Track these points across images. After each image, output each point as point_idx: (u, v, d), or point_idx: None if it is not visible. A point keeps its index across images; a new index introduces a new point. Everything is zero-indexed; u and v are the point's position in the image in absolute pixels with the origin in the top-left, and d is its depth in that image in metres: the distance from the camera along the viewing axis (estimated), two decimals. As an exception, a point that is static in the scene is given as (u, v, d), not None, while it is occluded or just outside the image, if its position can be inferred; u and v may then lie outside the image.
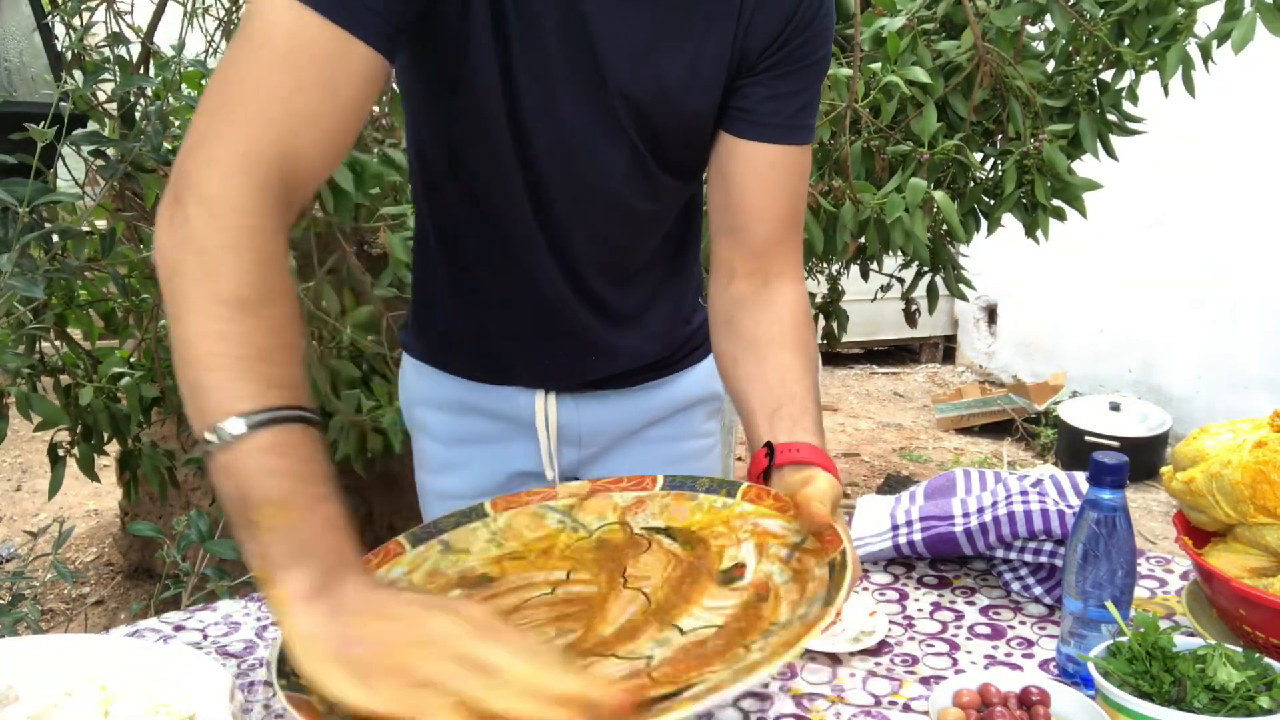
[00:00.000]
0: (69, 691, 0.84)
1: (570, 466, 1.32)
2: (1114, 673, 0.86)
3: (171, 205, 0.76)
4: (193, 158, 0.76)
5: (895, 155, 2.05)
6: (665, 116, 1.05)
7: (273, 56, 0.79)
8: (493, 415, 1.29)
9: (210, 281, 0.72)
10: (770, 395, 1.03)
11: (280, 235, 0.77)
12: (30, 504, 3.98)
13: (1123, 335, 4.88)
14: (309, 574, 0.69)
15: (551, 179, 1.07)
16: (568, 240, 1.12)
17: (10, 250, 1.47)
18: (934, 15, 2.09)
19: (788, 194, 1.10)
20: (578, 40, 0.98)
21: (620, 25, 0.98)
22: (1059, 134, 2.02)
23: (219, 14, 2.37)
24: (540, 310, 1.18)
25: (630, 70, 1.00)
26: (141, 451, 2.10)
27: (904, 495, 1.33)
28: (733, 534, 0.92)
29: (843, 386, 5.78)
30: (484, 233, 1.15)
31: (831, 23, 1.06)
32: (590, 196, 1.10)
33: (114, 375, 2.04)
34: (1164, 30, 1.95)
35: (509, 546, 0.94)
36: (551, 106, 1.02)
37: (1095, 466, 0.96)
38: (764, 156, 1.07)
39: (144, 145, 1.67)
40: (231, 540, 1.63)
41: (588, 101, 1.02)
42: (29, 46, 1.89)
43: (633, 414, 1.28)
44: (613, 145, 1.06)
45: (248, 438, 0.69)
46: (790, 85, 1.04)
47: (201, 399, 0.70)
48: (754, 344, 1.07)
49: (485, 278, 1.18)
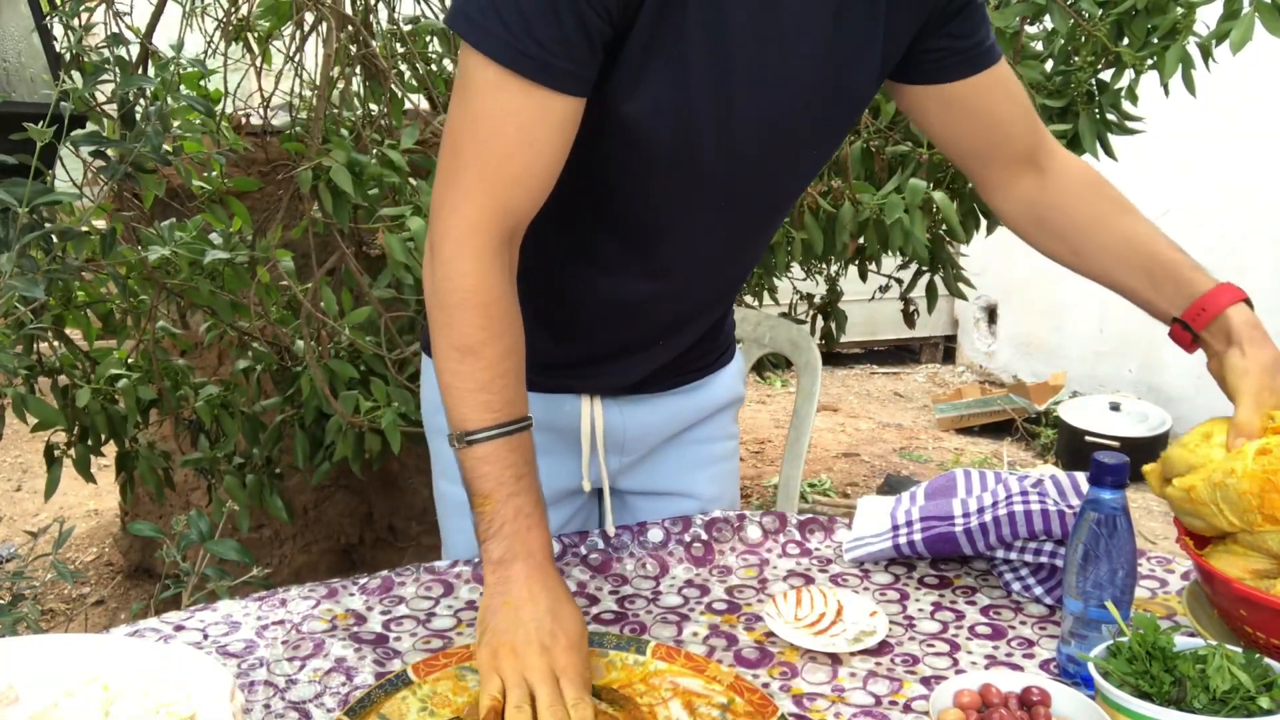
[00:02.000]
0: (69, 691, 0.84)
1: (610, 475, 1.31)
2: (1114, 673, 0.86)
3: (427, 261, 0.99)
4: (436, 223, 0.98)
5: (895, 155, 2.05)
6: (841, 117, 1.12)
7: (486, 129, 0.94)
8: (540, 427, 1.25)
9: (447, 331, 0.98)
10: (1135, 268, 1.14)
11: (502, 281, 0.98)
12: (30, 504, 3.98)
13: (1123, 335, 4.88)
14: (497, 549, 0.96)
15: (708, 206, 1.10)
16: (678, 251, 1.14)
17: (10, 250, 1.47)
18: (934, 16, 2.09)
19: (1020, 96, 1.18)
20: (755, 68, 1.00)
21: (804, 35, 1.01)
22: (1058, 134, 2.02)
23: (218, 14, 2.37)
24: (619, 312, 1.19)
25: (813, 80, 1.04)
26: (138, 453, 2.10)
27: (904, 495, 1.33)
28: (655, 691, 0.96)
29: (843, 386, 5.78)
30: (576, 244, 1.14)
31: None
32: (734, 218, 1.13)
33: (111, 376, 2.03)
34: (1163, 30, 1.95)
35: (442, 715, 0.93)
36: (728, 142, 1.04)
37: (1095, 466, 0.96)
38: (992, 78, 1.14)
39: (144, 146, 1.67)
40: (232, 540, 1.63)
41: (767, 128, 1.04)
42: (28, 47, 1.89)
43: (673, 417, 1.29)
44: (781, 164, 1.11)
45: (470, 449, 0.97)
46: (970, 20, 1.10)
47: (449, 415, 0.99)
48: (1081, 233, 1.18)
49: (561, 282, 1.17)
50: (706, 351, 1.31)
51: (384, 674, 1.02)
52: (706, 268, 1.18)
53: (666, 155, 1.03)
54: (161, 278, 1.95)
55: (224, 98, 2.43)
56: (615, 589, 1.21)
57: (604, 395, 1.26)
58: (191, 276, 1.95)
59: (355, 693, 1.00)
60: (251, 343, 2.19)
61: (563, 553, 1.27)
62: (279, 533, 2.92)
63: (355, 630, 1.11)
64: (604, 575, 1.24)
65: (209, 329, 2.16)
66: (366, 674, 1.03)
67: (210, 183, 2.12)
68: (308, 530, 2.99)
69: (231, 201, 2.09)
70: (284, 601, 1.17)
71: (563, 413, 1.25)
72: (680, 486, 1.35)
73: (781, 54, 1.00)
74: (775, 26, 0.99)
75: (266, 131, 2.60)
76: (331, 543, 3.05)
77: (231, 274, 1.98)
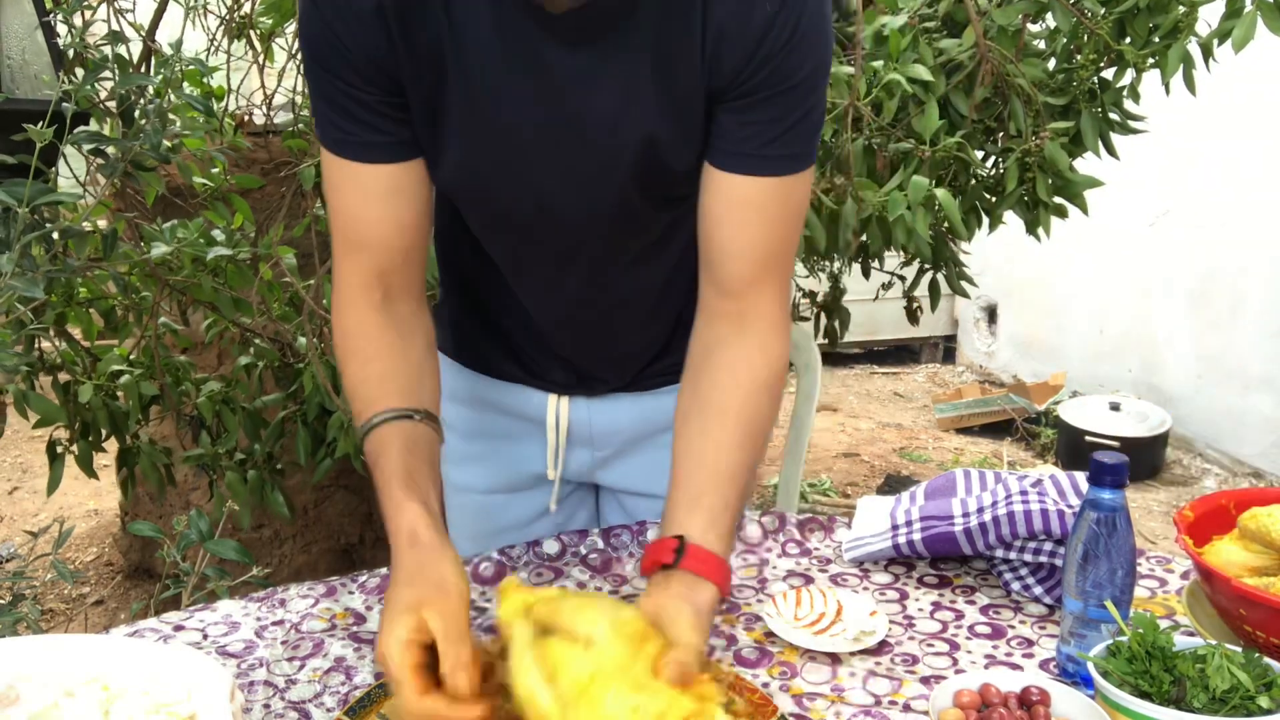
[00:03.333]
0: (69, 691, 0.84)
1: (584, 468, 1.32)
2: (1114, 672, 0.86)
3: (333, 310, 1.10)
4: (333, 283, 1.09)
5: (897, 153, 2.05)
6: (651, 161, 1.02)
7: (334, 202, 1.05)
8: (508, 413, 1.30)
9: (343, 371, 1.08)
10: (699, 475, 1.00)
11: (378, 332, 1.06)
12: (30, 504, 3.98)
13: (1123, 335, 4.88)
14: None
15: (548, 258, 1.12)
16: (545, 292, 1.17)
17: (11, 250, 1.46)
18: (936, 13, 2.09)
19: (762, 231, 1.01)
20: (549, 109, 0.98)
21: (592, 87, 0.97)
22: (1060, 132, 2.02)
23: (220, 12, 2.37)
24: (541, 326, 1.21)
25: (609, 129, 0.99)
26: (140, 449, 2.10)
27: (904, 495, 1.33)
28: None
29: (843, 386, 5.78)
30: (485, 255, 1.18)
31: (816, 44, 0.96)
32: (587, 268, 1.13)
33: (113, 373, 2.03)
34: (1165, 29, 1.95)
35: None
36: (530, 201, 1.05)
37: (1095, 466, 0.96)
38: (734, 188, 1.00)
39: (143, 143, 1.67)
40: (231, 540, 1.63)
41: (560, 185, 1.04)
42: (31, 45, 1.88)
43: (648, 416, 1.29)
44: (607, 218, 1.07)
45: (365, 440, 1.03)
46: (761, 114, 0.97)
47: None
48: (705, 409, 1.03)
49: (490, 287, 1.20)
50: (677, 359, 1.29)
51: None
52: (587, 307, 1.18)
53: (480, 213, 1.10)
54: (164, 275, 1.95)
55: (227, 95, 2.43)
56: (615, 589, 1.21)
57: (565, 392, 1.27)
58: (194, 273, 1.94)
59: (355, 692, 1.00)
60: (253, 339, 2.19)
61: (562, 552, 1.27)
62: (279, 532, 2.92)
63: (355, 630, 1.11)
64: (604, 575, 1.24)
65: (210, 326, 2.16)
66: (366, 673, 1.03)
67: (213, 180, 2.12)
68: (308, 530, 2.98)
69: (234, 198, 2.09)
70: (284, 601, 1.17)
71: (531, 403, 1.28)
72: None
73: (549, 114, 0.98)
74: (540, 88, 0.97)
75: (269, 130, 2.60)
76: (331, 542, 3.05)
77: (234, 271, 1.98)
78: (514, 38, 0.95)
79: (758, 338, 1.04)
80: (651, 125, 0.99)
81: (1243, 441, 4.27)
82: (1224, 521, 1.10)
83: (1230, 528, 1.08)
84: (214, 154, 2.00)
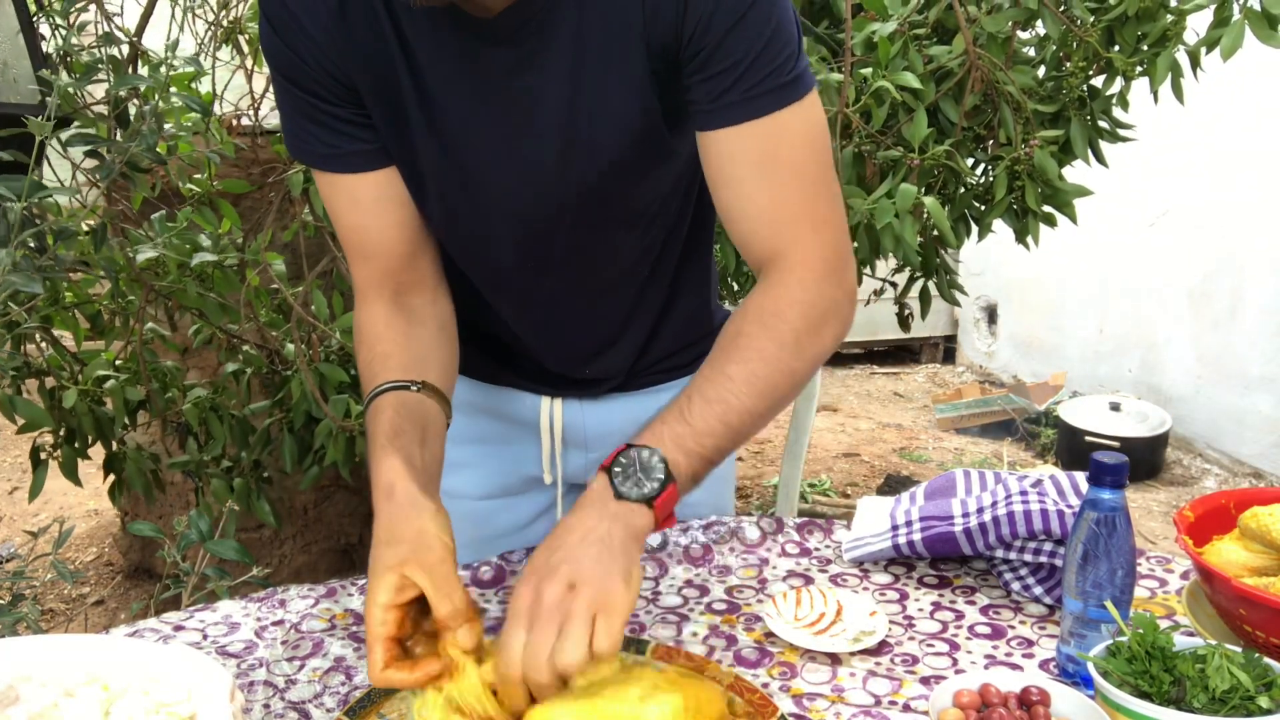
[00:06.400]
0: (69, 691, 0.84)
1: (579, 470, 1.32)
2: (1114, 673, 0.86)
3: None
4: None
5: (886, 160, 2.05)
6: (622, 169, 1.02)
7: (334, 215, 1.09)
8: (501, 417, 1.30)
9: (356, 362, 1.12)
10: (680, 396, 0.98)
11: (392, 328, 1.09)
12: (30, 504, 3.98)
13: (1123, 335, 4.88)
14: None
15: (520, 267, 1.12)
16: (522, 304, 1.18)
17: (9, 246, 1.46)
18: (925, 20, 2.08)
19: (766, 185, 0.97)
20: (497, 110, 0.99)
21: (538, 81, 0.97)
22: (1050, 140, 2.02)
23: (208, 16, 2.36)
24: (523, 336, 1.21)
25: (561, 123, 0.99)
26: (126, 454, 2.09)
27: (904, 495, 1.33)
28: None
29: (843, 386, 5.78)
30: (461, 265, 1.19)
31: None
32: (560, 278, 1.13)
33: (99, 378, 2.03)
34: (1153, 37, 1.95)
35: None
36: (487, 207, 1.06)
37: (1095, 466, 0.96)
38: (723, 144, 0.96)
39: (139, 145, 1.67)
40: (232, 540, 1.63)
41: (520, 190, 1.04)
42: (13, 48, 1.87)
43: (642, 417, 1.28)
44: (578, 224, 1.07)
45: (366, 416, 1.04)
46: (722, 60, 0.92)
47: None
48: (716, 345, 1.01)
49: (471, 297, 1.21)
50: (667, 355, 1.28)
51: (383, 674, 1.02)
52: (569, 315, 1.18)
53: (445, 224, 1.10)
54: (150, 279, 1.95)
55: (215, 100, 2.42)
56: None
57: (557, 394, 1.27)
58: (180, 278, 1.94)
59: (355, 692, 1.00)
60: (241, 346, 2.19)
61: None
62: (279, 533, 2.92)
63: (355, 630, 1.11)
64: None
65: (197, 331, 2.15)
66: (366, 674, 1.03)
67: (199, 184, 2.11)
68: (308, 530, 2.99)
69: (221, 203, 2.08)
70: (284, 601, 1.17)
71: (524, 406, 1.28)
72: None
73: (498, 115, 0.99)
74: (484, 91, 0.98)
75: (257, 134, 2.59)
76: (331, 543, 3.05)
77: (220, 276, 1.98)
78: (457, 47, 0.96)
79: (787, 289, 0.98)
80: (601, 110, 0.98)
81: (1243, 441, 4.27)
82: (1224, 521, 1.10)
83: (1230, 528, 1.08)
84: (208, 155, 2.00)
